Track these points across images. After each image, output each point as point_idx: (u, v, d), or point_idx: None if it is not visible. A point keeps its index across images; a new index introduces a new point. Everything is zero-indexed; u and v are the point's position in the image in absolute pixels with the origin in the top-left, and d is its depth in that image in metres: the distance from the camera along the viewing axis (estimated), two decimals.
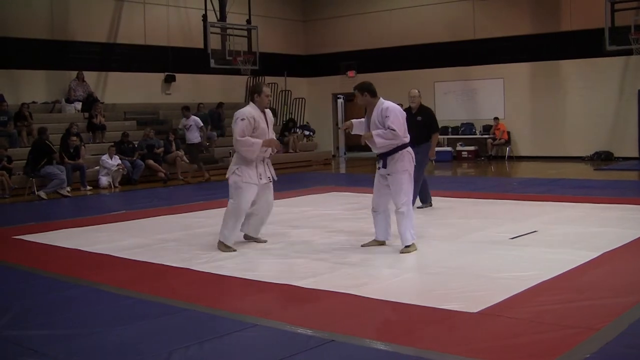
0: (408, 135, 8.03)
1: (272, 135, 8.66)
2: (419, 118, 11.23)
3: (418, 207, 11.37)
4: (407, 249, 7.95)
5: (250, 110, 8.43)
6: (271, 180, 8.67)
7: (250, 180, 8.38)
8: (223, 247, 8.47)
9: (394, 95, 24.17)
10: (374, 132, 7.89)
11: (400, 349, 4.76)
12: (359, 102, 8.15)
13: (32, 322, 5.75)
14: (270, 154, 8.65)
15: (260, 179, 8.47)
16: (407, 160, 8.00)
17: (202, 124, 19.22)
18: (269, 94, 8.67)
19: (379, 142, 7.87)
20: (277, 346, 5.00)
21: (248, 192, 8.40)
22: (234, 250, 8.40)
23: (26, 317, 5.88)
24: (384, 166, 8.06)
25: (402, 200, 7.94)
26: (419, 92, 11.53)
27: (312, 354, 4.76)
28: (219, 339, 5.16)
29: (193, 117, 19.17)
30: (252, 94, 8.60)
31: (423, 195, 11.60)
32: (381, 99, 8.05)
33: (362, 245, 8.40)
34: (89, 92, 20.56)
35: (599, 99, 21.73)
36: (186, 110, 19.35)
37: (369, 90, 8.08)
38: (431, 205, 11.67)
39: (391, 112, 7.88)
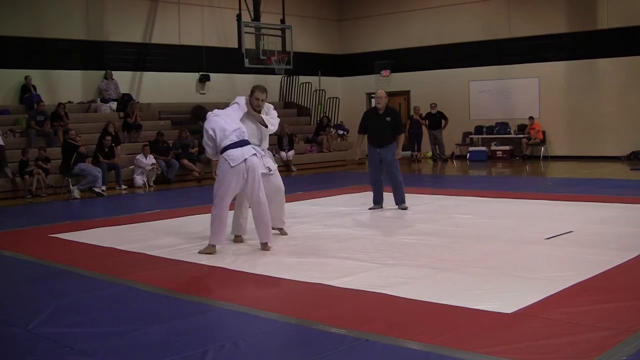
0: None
1: None
2: (387, 119, 11.44)
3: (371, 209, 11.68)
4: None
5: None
6: None
7: None
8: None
9: (427, 95, 24.22)
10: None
11: (435, 348, 4.75)
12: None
13: (69, 319, 5.80)
14: None
15: None
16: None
17: None
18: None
19: None
20: (310, 345, 5.01)
21: None
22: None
23: (63, 315, 5.94)
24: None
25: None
26: (385, 92, 11.58)
27: (345, 353, 4.76)
28: (253, 338, 5.18)
29: None
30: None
31: (398, 196, 11.63)
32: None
33: (198, 251, 8.47)
34: (118, 90, 20.77)
35: (636, 98, 21.44)
36: None
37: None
38: (381, 208, 11.71)
39: None
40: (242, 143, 8.22)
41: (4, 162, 16.10)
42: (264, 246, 8.41)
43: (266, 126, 8.93)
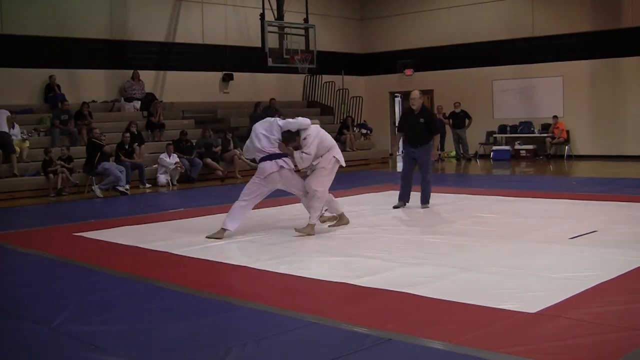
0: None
1: None
2: (421, 120, 11.53)
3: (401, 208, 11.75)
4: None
5: None
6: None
7: None
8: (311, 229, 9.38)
9: (450, 94, 24.11)
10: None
11: (458, 348, 4.73)
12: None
13: (92, 317, 5.83)
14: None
15: None
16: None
17: None
18: None
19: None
20: (333, 344, 5.00)
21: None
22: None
23: (86, 313, 5.97)
24: None
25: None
26: (419, 93, 11.60)
27: (368, 353, 4.75)
28: (275, 337, 5.18)
29: None
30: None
31: (423, 196, 11.73)
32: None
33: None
34: (144, 90, 20.84)
35: None
36: None
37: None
38: (404, 205, 11.79)
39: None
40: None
41: None
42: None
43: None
